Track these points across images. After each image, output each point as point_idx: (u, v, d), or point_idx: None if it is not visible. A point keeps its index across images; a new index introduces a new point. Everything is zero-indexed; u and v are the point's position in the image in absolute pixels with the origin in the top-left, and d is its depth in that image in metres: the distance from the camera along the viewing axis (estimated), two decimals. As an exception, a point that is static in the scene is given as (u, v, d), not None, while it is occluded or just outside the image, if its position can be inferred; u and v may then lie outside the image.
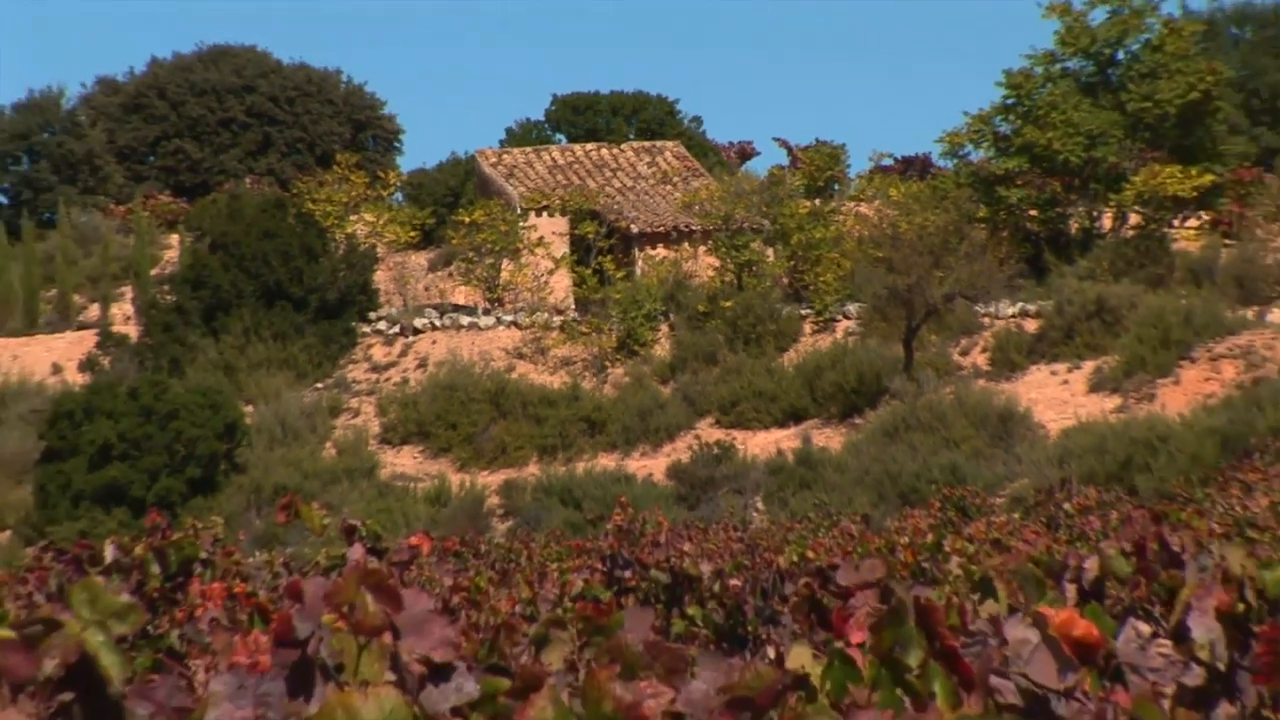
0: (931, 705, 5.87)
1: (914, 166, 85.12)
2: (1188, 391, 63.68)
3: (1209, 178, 74.68)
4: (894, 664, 6.01)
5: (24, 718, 4.74)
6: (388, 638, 4.83)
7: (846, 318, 73.48)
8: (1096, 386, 67.10)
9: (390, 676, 4.63)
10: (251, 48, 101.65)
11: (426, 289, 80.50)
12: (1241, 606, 8.34)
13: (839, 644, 6.59)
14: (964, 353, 71.67)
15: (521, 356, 74.49)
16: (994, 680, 6.18)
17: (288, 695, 4.69)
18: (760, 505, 52.75)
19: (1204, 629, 7.95)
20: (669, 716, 4.57)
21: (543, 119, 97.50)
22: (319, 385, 72.68)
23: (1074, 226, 77.57)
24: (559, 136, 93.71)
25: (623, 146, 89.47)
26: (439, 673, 4.74)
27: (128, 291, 78.60)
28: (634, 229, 78.73)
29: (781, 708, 4.74)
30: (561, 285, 77.72)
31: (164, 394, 62.51)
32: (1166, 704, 6.97)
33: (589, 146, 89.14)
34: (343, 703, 4.43)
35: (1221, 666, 7.97)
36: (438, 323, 76.92)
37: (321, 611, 4.90)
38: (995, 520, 34.33)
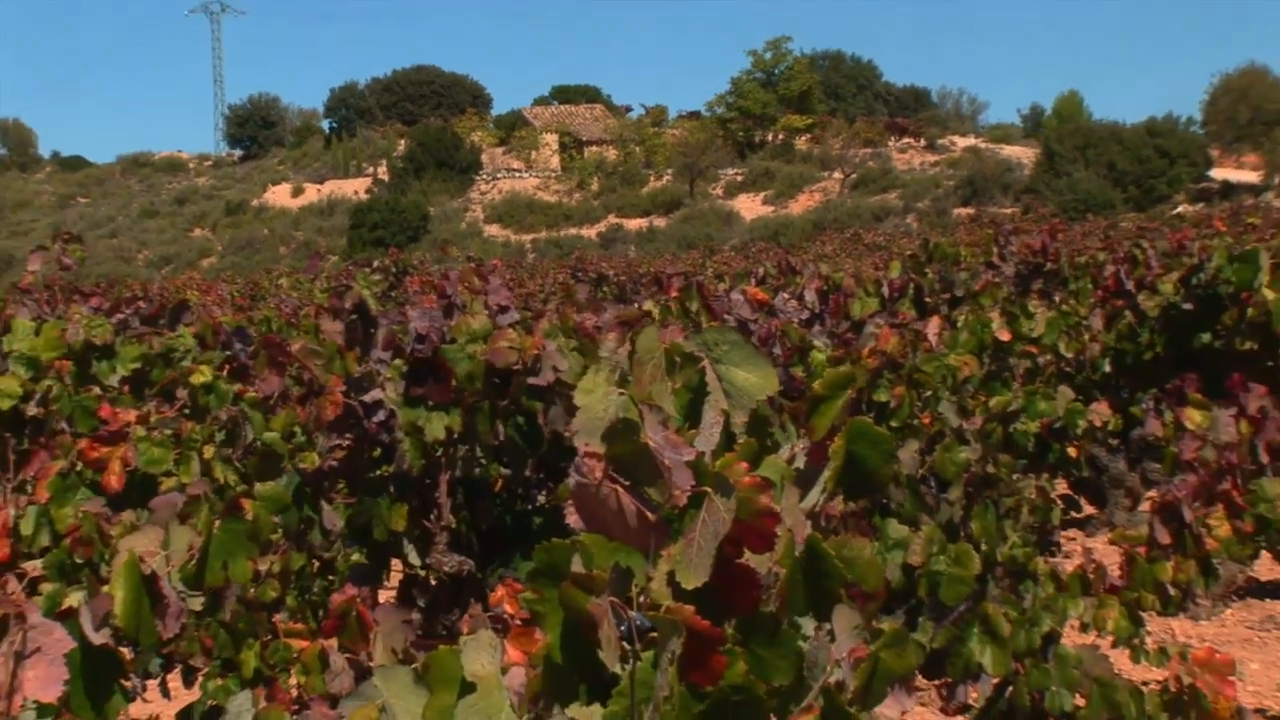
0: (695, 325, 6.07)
1: (695, 115, 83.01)
2: (801, 205, 64.58)
3: (810, 119, 73.69)
4: (685, 309, 6.03)
5: (339, 325, 4.85)
6: (482, 295, 4.81)
7: (668, 175, 71.52)
8: (765, 202, 67.62)
9: (484, 311, 4.60)
10: (434, 66, 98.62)
11: (501, 161, 79.22)
12: (826, 288, 8.33)
13: (664, 299, 6.61)
14: (713, 188, 69.85)
15: (538, 190, 73.52)
16: (726, 315, 6.25)
17: (443, 317, 4.52)
18: (634, 248, 51.34)
19: (810, 296, 8.01)
20: (594, 326, 4.60)
21: (547, 95, 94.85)
22: (457, 200, 70.72)
23: (758, 140, 76.11)
24: (554, 102, 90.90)
25: (577, 106, 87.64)
26: (503, 310, 4.70)
27: (384, 162, 76.22)
28: (584, 139, 77.36)
29: (642, 325, 4.75)
30: (554, 162, 76.84)
31: (397, 203, 62.15)
32: (794, 326, 6.94)
33: (565, 106, 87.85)
34: (464, 320, 4.48)
35: (816, 311, 7.98)
36: (505, 176, 75.01)
37: (458, 285, 4.90)
38: (725, 253, 34.18)
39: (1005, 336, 7.25)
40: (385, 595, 5.04)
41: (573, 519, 1.67)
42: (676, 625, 1.52)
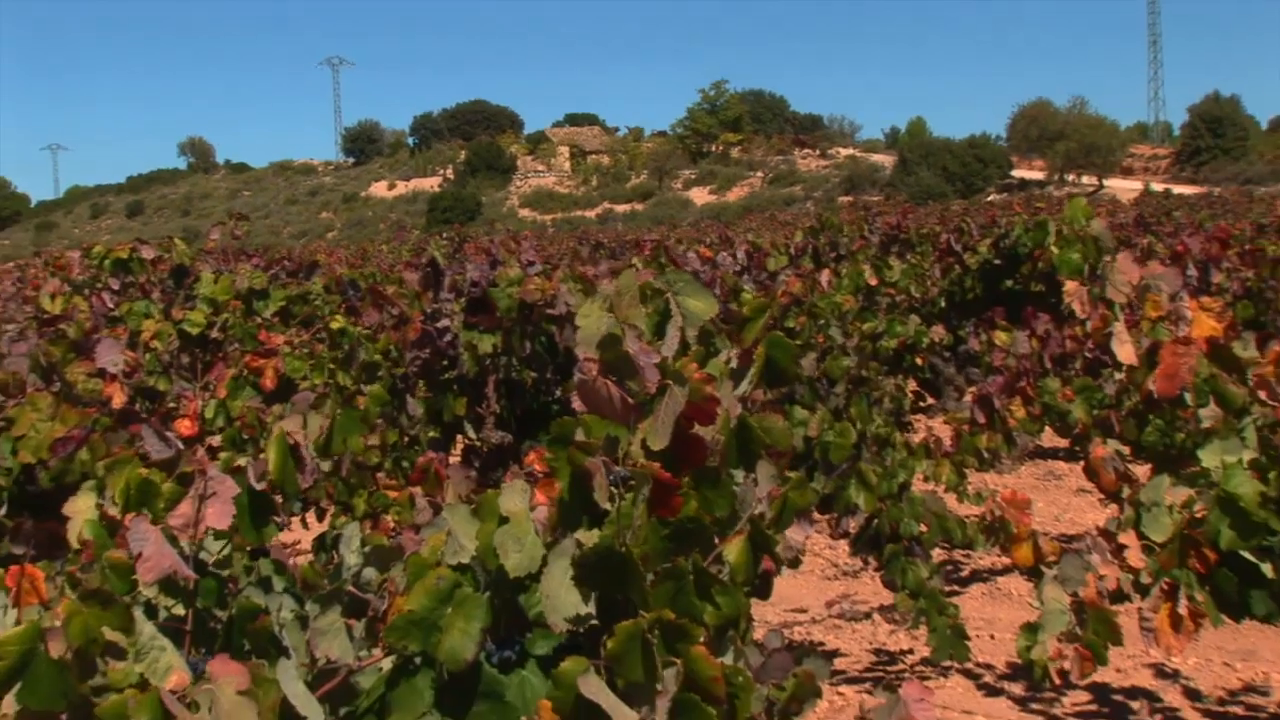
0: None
1: (662, 133, 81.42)
2: (735, 195, 65.54)
3: (741, 136, 72.66)
4: (659, 261, 5.76)
5: (417, 275, 4.60)
6: (517, 254, 4.66)
7: (644, 175, 70.16)
8: (711, 193, 65.93)
9: (518, 265, 4.48)
10: (484, 100, 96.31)
11: (530, 166, 77.31)
12: (754, 252, 7.84)
13: (639, 260, 6.22)
14: (674, 184, 68.62)
15: (556, 185, 72.33)
16: (686, 266, 5.91)
17: (489, 269, 4.33)
18: (621, 225, 50.41)
19: (740, 255, 7.66)
20: (593, 275, 4.46)
21: (562, 119, 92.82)
22: (500, 192, 69.44)
23: (705, 150, 74.45)
24: (566, 125, 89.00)
25: (582, 127, 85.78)
26: (531, 264, 4.60)
27: (450, 167, 75.05)
28: (586, 149, 75.79)
29: (628, 266, 4.51)
30: (567, 166, 75.37)
31: (459, 194, 61.17)
32: (730, 275, 6.53)
33: (574, 128, 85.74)
34: (504, 271, 4.33)
35: (745, 266, 7.53)
36: (533, 175, 73.43)
37: (500, 248, 4.71)
38: (684, 229, 32.26)
39: (873, 281, 7.24)
40: (452, 458, 5.07)
41: (576, 405, 1.67)
42: (646, 476, 1.52)
